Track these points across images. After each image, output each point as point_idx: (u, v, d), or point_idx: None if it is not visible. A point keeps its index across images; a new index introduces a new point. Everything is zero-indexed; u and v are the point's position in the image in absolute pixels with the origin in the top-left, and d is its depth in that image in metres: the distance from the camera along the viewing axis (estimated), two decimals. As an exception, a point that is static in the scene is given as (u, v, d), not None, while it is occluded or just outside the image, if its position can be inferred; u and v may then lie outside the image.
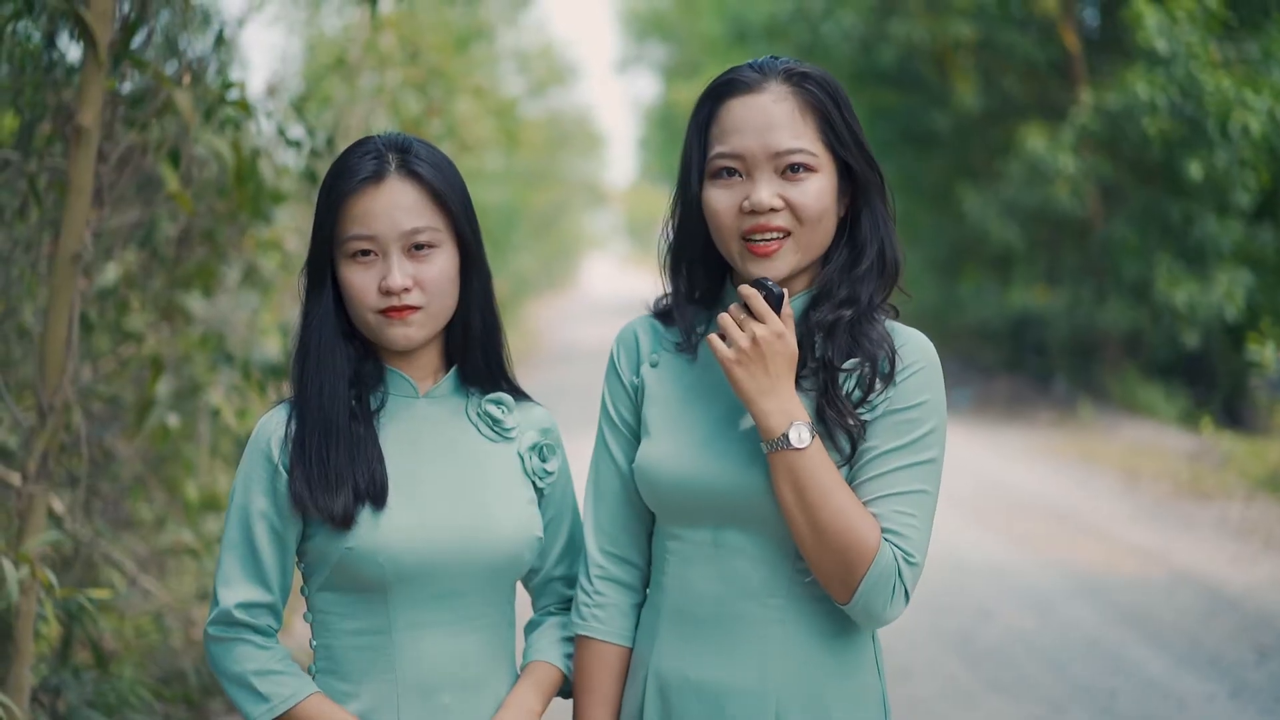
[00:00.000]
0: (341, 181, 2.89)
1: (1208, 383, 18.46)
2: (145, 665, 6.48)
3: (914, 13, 19.18)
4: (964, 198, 19.83)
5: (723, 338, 2.81)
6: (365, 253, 2.86)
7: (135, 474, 7.60)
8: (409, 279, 2.85)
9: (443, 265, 2.89)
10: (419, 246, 2.87)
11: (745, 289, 2.79)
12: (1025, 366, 22.11)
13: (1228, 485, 13.26)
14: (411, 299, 2.86)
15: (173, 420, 7.14)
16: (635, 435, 3.03)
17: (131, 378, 7.21)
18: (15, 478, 5.75)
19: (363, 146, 2.93)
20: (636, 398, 3.02)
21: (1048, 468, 14.74)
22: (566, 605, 3.11)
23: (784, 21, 21.72)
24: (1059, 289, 19.71)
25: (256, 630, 2.86)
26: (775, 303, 2.78)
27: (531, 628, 3.11)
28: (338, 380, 2.88)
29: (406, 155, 2.90)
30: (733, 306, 2.81)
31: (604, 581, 3.01)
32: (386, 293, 2.85)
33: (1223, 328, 16.91)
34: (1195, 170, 15.26)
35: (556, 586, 3.11)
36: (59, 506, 6.09)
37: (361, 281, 2.87)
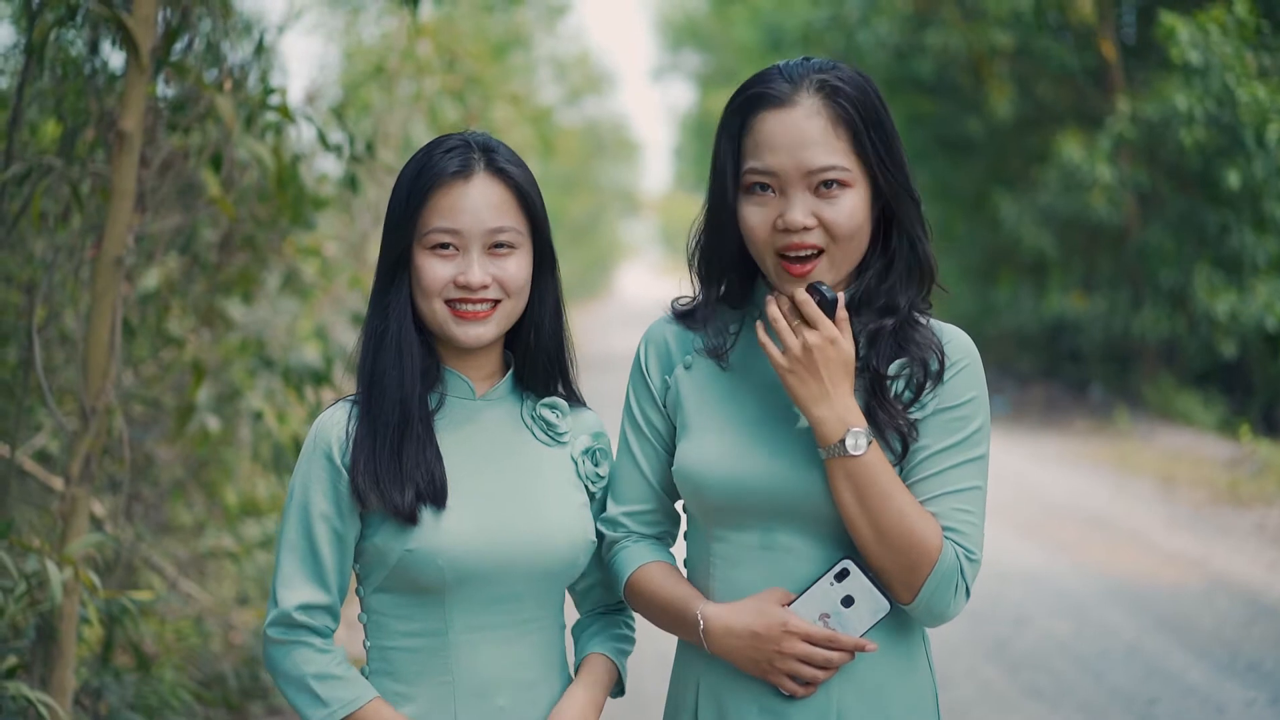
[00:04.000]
0: (428, 174, 2.88)
1: (1245, 390, 18.36)
2: (185, 668, 6.51)
3: (949, 21, 19.13)
4: (1000, 204, 19.78)
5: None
6: (445, 246, 2.87)
7: (175, 478, 7.65)
8: (487, 276, 2.86)
9: (520, 265, 2.90)
10: (499, 245, 2.88)
11: (799, 293, 2.78)
12: (1061, 373, 22.04)
13: (1266, 492, 13.19)
14: (489, 294, 2.87)
15: (213, 425, 7.18)
16: (662, 438, 3.02)
17: (172, 382, 7.26)
18: (58, 481, 5.80)
19: (448, 142, 2.93)
20: (666, 400, 3.02)
21: (1084, 474, 14.69)
22: (613, 607, 3.12)
23: (819, 30, 21.66)
24: (1095, 296, 19.63)
25: (315, 632, 2.86)
26: (829, 307, 2.78)
27: (580, 628, 3.10)
28: (415, 374, 2.88)
29: (493, 154, 2.91)
30: (787, 308, 2.80)
31: (632, 524, 3.03)
32: (463, 286, 2.86)
33: (1260, 335, 16.82)
34: (1234, 180, 15.17)
35: (603, 591, 3.11)
36: (100, 510, 6.14)
37: (437, 272, 2.87)
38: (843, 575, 2.78)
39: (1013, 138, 20.77)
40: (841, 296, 2.79)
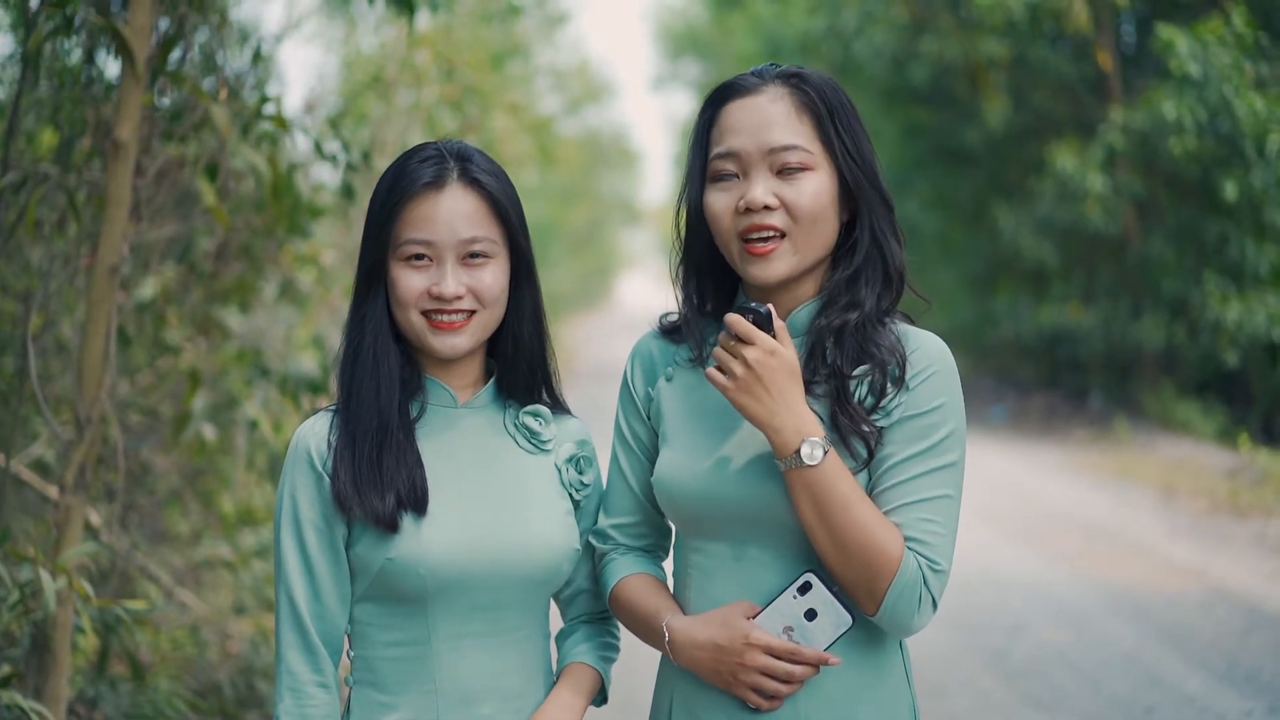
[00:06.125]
0: (401, 184, 2.88)
1: (1244, 399, 18.37)
2: (181, 678, 6.50)
3: (945, 30, 19.15)
4: (998, 214, 19.79)
5: (722, 370, 2.79)
6: (420, 257, 2.87)
7: (171, 487, 7.65)
8: (462, 287, 2.85)
9: (495, 275, 2.89)
10: (474, 255, 2.87)
11: (729, 317, 2.76)
12: (1061, 383, 22.03)
13: (1265, 502, 13.18)
14: (464, 304, 2.86)
15: (209, 434, 7.17)
16: (647, 451, 3.03)
17: (168, 391, 7.26)
18: (53, 490, 5.79)
19: (423, 151, 2.92)
20: (650, 412, 3.02)
21: (1084, 484, 14.68)
22: (598, 615, 3.12)
23: (816, 40, 21.72)
24: (1094, 305, 19.64)
25: (321, 679, 2.87)
26: (764, 322, 2.75)
27: (564, 636, 3.10)
28: (392, 384, 2.88)
29: (468, 164, 2.90)
30: (721, 336, 2.78)
31: (619, 537, 3.05)
32: (436, 297, 2.85)
33: (1260, 345, 16.82)
34: (1231, 190, 15.17)
35: (588, 599, 3.11)
36: (96, 519, 6.13)
37: (411, 283, 2.87)
38: (805, 588, 2.77)
39: (1011, 147, 20.78)
40: (773, 309, 2.77)
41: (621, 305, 58.25)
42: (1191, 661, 8.24)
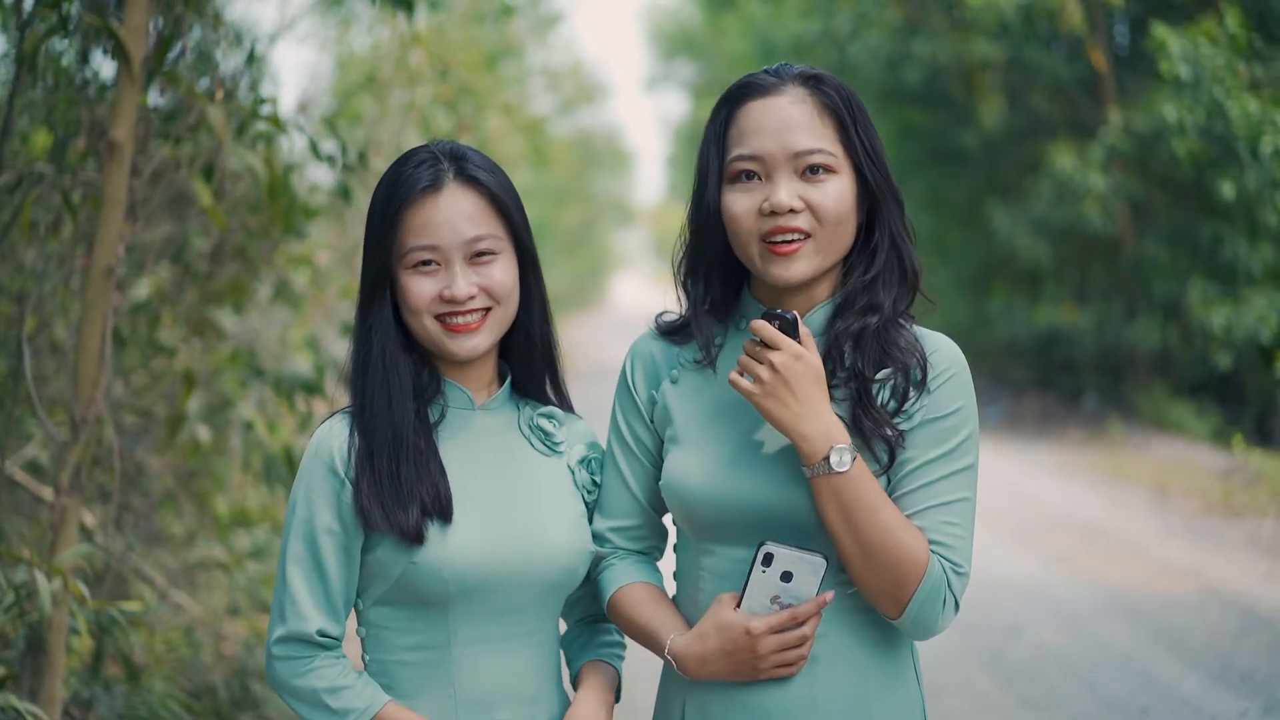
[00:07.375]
0: (400, 192, 2.84)
1: (1238, 400, 18.38)
2: (176, 679, 6.49)
3: (939, 32, 19.15)
4: (993, 215, 19.80)
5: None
6: (427, 262, 2.84)
7: (166, 488, 7.63)
8: (473, 286, 2.83)
9: (505, 270, 2.87)
10: (480, 254, 2.85)
11: (755, 323, 2.74)
12: (1055, 384, 22.04)
13: (1259, 502, 13.19)
14: (478, 303, 2.84)
15: (204, 435, 7.16)
16: (649, 453, 3.01)
17: (163, 392, 7.24)
18: (47, 491, 5.78)
19: (417, 156, 2.89)
20: (654, 415, 3.00)
21: (1078, 485, 14.68)
22: (603, 615, 3.09)
23: (810, 42, 21.71)
24: (1088, 306, 19.65)
25: (327, 650, 2.83)
26: (790, 328, 2.74)
27: (572, 638, 3.09)
28: (404, 393, 2.85)
29: (463, 163, 2.87)
30: (747, 342, 2.77)
31: (618, 540, 3.03)
32: (449, 300, 2.82)
33: (1253, 346, 16.83)
34: (1228, 191, 15.16)
35: (594, 600, 3.09)
36: (91, 520, 6.12)
37: (422, 289, 2.83)
38: (769, 559, 2.76)
39: (1005, 148, 20.79)
40: (799, 316, 2.76)
41: (615, 305, 58.28)
42: (1187, 662, 8.24)
